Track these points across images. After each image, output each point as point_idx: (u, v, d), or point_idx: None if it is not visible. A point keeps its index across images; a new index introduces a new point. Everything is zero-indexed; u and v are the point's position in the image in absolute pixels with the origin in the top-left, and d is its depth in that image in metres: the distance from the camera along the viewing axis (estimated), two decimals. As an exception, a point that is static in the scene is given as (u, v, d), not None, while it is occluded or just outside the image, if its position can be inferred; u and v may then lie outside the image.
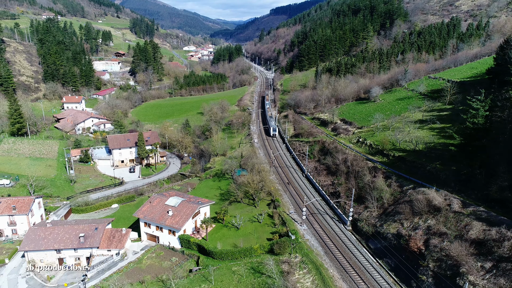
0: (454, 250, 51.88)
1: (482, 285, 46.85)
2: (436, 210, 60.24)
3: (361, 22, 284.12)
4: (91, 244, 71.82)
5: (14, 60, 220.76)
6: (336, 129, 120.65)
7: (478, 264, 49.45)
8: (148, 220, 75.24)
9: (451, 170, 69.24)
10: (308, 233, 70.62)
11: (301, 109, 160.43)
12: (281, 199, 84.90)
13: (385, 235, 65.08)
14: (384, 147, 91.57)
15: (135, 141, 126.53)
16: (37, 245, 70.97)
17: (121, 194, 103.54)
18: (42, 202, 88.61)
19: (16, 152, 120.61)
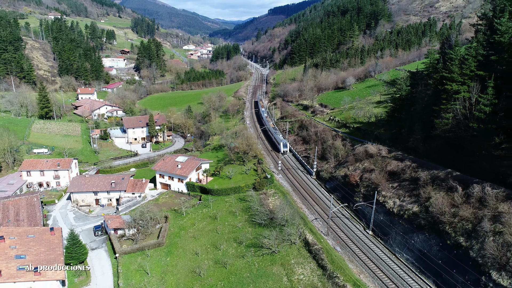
0: (376, 178, 76.28)
1: (389, 196, 71.24)
2: (370, 156, 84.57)
3: (348, 22, 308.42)
4: (120, 188, 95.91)
5: (32, 56, 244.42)
6: (314, 111, 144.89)
7: (389, 185, 73.88)
8: (162, 172, 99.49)
9: (388, 133, 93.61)
10: (282, 179, 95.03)
11: (288, 98, 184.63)
12: (264, 159, 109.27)
13: (337, 177, 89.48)
14: (347, 121, 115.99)
15: (146, 122, 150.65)
16: (80, 188, 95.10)
17: (137, 162, 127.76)
18: (77, 163, 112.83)
19: (47, 130, 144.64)
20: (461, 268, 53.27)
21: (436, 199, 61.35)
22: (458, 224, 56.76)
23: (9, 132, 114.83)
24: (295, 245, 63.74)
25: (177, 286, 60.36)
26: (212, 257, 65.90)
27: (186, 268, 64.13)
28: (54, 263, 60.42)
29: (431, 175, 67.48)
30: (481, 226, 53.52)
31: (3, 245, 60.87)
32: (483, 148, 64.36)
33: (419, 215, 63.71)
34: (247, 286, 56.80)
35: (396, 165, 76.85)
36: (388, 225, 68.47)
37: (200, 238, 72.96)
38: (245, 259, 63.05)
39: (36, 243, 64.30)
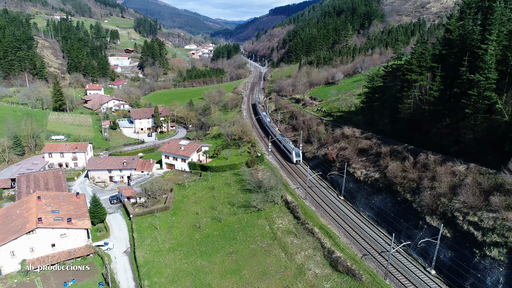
0: (348, 154, 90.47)
1: (358, 167, 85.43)
2: (346, 137, 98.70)
3: (343, 22, 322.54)
4: (130, 167, 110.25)
5: (43, 54, 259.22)
6: (305, 103, 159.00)
7: (359, 159, 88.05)
8: (167, 153, 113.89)
9: (364, 118, 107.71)
10: (271, 159, 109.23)
11: (282, 93, 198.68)
12: (257, 143, 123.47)
13: (318, 156, 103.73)
14: (332, 111, 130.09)
15: (152, 114, 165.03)
16: (96, 167, 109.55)
17: (144, 148, 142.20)
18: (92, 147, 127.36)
19: (62, 120, 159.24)
20: (406, 217, 67.47)
21: (392, 167, 75.57)
22: (406, 184, 71.00)
23: (31, 119, 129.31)
24: (277, 204, 77.98)
25: (181, 235, 74.68)
26: (210, 215, 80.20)
27: (188, 224, 78.47)
28: (82, 217, 74.96)
29: (390, 149, 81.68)
30: (422, 184, 67.75)
31: (40, 203, 75.31)
32: (434, 126, 78.59)
33: (379, 180, 77.97)
34: (237, 233, 71.07)
35: (365, 143, 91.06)
36: (356, 190, 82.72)
37: (200, 203, 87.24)
38: (236, 216, 77.33)
39: (66, 203, 78.81)
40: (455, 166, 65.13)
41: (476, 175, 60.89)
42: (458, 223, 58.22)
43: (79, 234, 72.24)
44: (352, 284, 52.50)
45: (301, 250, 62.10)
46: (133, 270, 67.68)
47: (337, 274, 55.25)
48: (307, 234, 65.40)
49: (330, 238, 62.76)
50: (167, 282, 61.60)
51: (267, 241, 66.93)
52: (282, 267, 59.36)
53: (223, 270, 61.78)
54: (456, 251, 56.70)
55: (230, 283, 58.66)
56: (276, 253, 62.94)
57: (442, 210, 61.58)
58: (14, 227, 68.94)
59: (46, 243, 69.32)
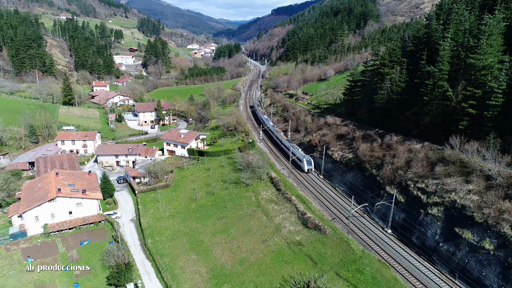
0: (329, 139, 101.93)
1: (336, 150, 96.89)
2: (328, 125, 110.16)
3: (340, 22, 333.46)
4: (135, 153, 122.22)
5: (51, 52, 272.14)
6: (297, 98, 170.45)
7: (337, 143, 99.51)
8: (168, 141, 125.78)
9: (345, 109, 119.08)
10: (262, 145, 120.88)
11: (278, 89, 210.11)
12: (251, 132, 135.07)
13: (304, 142, 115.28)
14: (320, 104, 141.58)
15: (154, 107, 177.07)
16: (104, 152, 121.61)
17: (147, 138, 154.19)
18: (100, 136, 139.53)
19: (71, 113, 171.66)
20: (372, 188, 78.91)
21: (362, 148, 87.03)
22: (373, 161, 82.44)
23: (45, 111, 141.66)
24: (263, 180, 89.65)
25: (179, 206, 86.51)
26: (205, 190, 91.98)
27: (186, 197, 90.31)
28: (94, 190, 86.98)
29: (363, 133, 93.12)
30: (385, 160, 79.22)
31: (58, 178, 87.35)
32: (402, 114, 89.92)
33: (352, 160, 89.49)
34: (227, 203, 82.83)
35: (343, 130, 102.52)
36: (333, 169, 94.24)
37: (197, 181, 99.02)
38: (227, 190, 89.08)
39: (80, 179, 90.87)
40: (411, 145, 76.61)
41: (427, 151, 72.31)
42: (410, 190, 69.70)
43: (92, 203, 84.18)
44: (318, 236, 64.07)
45: (279, 214, 73.76)
46: (138, 233, 79.60)
47: (307, 230, 66.84)
48: (285, 202, 77.04)
49: (304, 204, 74.39)
50: (167, 240, 73.43)
51: (252, 208, 78.62)
52: (263, 227, 71.04)
53: (214, 230, 73.57)
54: (407, 213, 68.15)
55: (219, 239, 70.40)
56: (259, 217, 74.63)
57: (399, 180, 73.07)
58: (37, 197, 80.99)
59: (64, 210, 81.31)
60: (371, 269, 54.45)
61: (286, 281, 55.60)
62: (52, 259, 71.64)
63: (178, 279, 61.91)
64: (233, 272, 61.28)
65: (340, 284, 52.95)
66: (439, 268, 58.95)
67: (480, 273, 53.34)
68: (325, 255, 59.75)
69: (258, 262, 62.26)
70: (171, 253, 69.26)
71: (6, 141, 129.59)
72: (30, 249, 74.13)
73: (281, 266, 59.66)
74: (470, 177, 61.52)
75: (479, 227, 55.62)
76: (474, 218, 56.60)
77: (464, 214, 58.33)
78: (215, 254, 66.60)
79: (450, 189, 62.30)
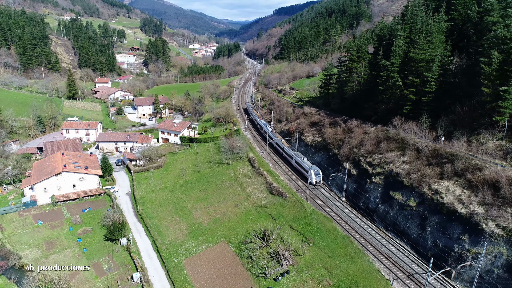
0: (303, 126, 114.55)
1: (308, 135, 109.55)
2: (305, 115, 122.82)
3: (333, 22, 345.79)
4: (133, 140, 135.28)
5: (56, 51, 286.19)
6: (285, 93, 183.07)
7: (310, 129, 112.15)
8: (163, 129, 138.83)
9: (323, 101, 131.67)
10: (247, 134, 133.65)
11: (269, 85, 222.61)
12: (238, 123, 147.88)
13: (284, 130, 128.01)
14: (302, 97, 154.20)
15: (152, 101, 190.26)
16: (104, 139, 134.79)
17: (145, 129, 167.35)
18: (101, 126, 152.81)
19: (75, 106, 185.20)
20: (333, 165, 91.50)
21: (328, 132, 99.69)
22: (336, 143, 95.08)
23: (51, 103, 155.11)
24: (243, 160, 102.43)
25: (168, 181, 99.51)
26: (192, 169, 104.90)
27: (175, 175, 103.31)
28: (95, 167, 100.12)
29: (331, 120, 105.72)
30: (344, 141, 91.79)
31: (64, 157, 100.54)
32: (366, 103, 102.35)
33: (320, 142, 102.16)
34: (209, 178, 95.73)
35: (316, 118, 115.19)
36: (305, 151, 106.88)
37: (185, 162, 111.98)
38: (211, 169, 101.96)
39: (82, 159, 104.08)
40: (366, 127, 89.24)
41: (378, 132, 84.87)
42: (361, 164, 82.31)
43: (93, 178, 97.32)
44: (280, 201, 76.84)
45: (252, 185, 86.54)
46: (132, 202, 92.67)
47: (272, 196, 79.62)
48: (258, 176, 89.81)
49: (273, 177, 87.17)
50: (156, 207, 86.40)
51: (230, 182, 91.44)
52: (237, 195, 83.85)
53: (195, 199, 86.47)
54: (358, 183, 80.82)
55: (199, 205, 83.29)
56: (234, 188, 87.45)
57: (353, 157, 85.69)
58: (46, 172, 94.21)
59: (69, 183, 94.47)
60: (317, 222, 67.11)
61: (249, 232, 68.29)
62: (59, 222, 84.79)
63: (163, 234, 74.84)
64: (208, 228, 74.13)
65: (291, 233, 65.64)
66: (377, 225, 71.56)
67: (405, 225, 65.92)
68: (283, 214, 72.48)
69: (229, 220, 75.09)
70: (158, 216, 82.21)
71: (17, 129, 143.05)
72: (40, 215, 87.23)
73: (247, 223, 72.40)
74: (405, 151, 74.05)
75: (407, 189, 68.21)
76: (404, 182, 69.20)
77: (397, 180, 70.93)
78: (195, 216, 79.49)
79: (389, 161, 74.90)
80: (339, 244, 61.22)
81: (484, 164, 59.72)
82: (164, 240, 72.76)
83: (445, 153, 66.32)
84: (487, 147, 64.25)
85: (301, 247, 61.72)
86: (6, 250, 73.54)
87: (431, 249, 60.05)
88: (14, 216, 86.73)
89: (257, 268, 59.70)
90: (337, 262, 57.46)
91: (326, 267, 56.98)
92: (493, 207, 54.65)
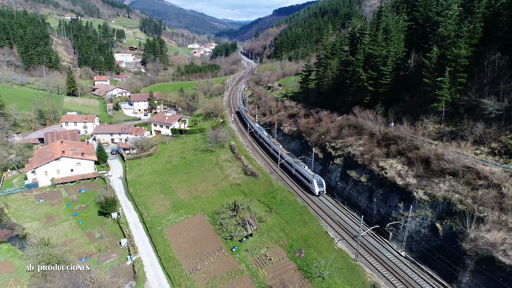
0: (283, 118, 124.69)
1: (286, 126, 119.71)
2: (286, 108, 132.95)
3: (326, 22, 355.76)
4: (127, 132, 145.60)
5: (57, 50, 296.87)
6: (273, 89, 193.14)
7: (288, 120, 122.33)
8: (155, 122, 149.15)
9: (303, 95, 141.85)
10: (233, 126, 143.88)
11: (260, 83, 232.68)
12: (226, 116, 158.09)
13: (267, 122, 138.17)
14: (287, 92, 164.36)
15: (148, 98, 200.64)
16: (101, 131, 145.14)
17: (140, 122, 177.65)
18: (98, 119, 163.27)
19: (75, 102, 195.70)
20: (305, 151, 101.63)
21: (302, 122, 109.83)
22: (308, 131, 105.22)
23: (52, 99, 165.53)
24: (225, 148, 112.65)
25: (157, 167, 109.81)
26: (179, 156, 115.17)
27: (163, 161, 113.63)
28: (91, 154, 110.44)
29: (306, 111, 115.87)
30: (314, 129, 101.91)
31: (63, 145, 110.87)
32: (337, 96, 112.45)
33: (295, 132, 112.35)
34: (194, 163, 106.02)
35: (294, 110, 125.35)
36: (283, 140, 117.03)
37: (174, 150, 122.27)
38: (196, 156, 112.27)
39: (80, 147, 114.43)
40: (334, 117, 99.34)
41: (343, 120, 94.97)
42: (326, 148, 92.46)
43: (89, 164, 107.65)
44: (252, 180, 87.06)
45: (230, 168, 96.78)
46: (124, 185, 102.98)
47: (246, 176, 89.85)
48: (237, 160, 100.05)
49: (249, 161, 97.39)
50: (144, 187, 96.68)
51: (211, 166, 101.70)
52: (216, 176, 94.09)
53: (180, 180, 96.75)
54: (323, 165, 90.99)
55: (183, 185, 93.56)
56: (215, 171, 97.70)
57: (321, 143, 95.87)
58: (46, 157, 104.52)
59: (67, 168, 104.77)
60: (281, 196, 77.32)
61: (223, 205, 78.47)
62: (58, 201, 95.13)
63: (149, 209, 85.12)
64: (188, 203, 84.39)
65: (258, 205, 75.82)
66: (336, 200, 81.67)
67: (357, 199, 76.07)
68: (254, 190, 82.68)
69: (207, 197, 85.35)
70: (146, 194, 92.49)
71: (19, 122, 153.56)
72: (41, 195, 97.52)
73: (223, 198, 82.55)
74: (362, 135, 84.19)
75: (360, 168, 78.36)
76: (358, 162, 79.36)
77: (353, 160, 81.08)
78: (178, 194, 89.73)
79: (348, 145, 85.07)
80: (297, 212, 71.37)
81: (422, 144, 69.89)
82: (150, 213, 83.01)
83: (393, 136, 76.52)
84: (428, 130, 74.43)
85: (265, 215, 71.87)
86: (11, 222, 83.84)
87: (375, 216, 70.25)
88: (18, 196, 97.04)
89: (226, 233, 69.87)
90: (293, 226, 67.59)
91: (283, 230, 67.12)
92: (424, 179, 64.84)
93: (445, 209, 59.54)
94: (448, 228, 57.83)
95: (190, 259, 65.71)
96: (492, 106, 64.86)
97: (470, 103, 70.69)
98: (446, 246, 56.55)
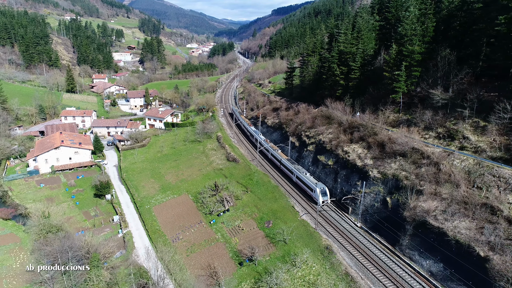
0: (267, 112, 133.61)
1: (270, 118, 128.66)
2: (271, 102, 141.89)
3: (319, 22, 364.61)
4: (123, 125, 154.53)
5: (57, 49, 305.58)
6: (263, 86, 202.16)
7: (272, 113, 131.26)
8: (149, 116, 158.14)
9: (288, 91, 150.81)
10: (222, 119, 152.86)
11: (252, 80, 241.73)
12: (217, 111, 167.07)
13: (254, 116, 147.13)
14: (275, 89, 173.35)
15: (143, 94, 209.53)
16: (98, 124, 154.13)
17: (135, 117, 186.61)
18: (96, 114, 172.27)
19: (73, 98, 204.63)
20: (284, 140, 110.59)
21: (282, 114, 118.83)
22: (287, 123, 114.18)
23: (52, 94, 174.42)
24: (212, 138, 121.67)
25: (149, 155, 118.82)
26: (170, 146, 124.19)
27: (155, 151, 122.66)
28: (88, 144, 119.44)
29: (288, 105, 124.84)
30: (293, 120, 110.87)
31: (62, 136, 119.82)
32: (317, 91, 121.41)
33: (277, 123, 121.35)
34: (183, 152, 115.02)
35: (278, 104, 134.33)
36: (266, 132, 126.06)
37: (165, 142, 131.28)
38: (185, 146, 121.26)
39: (78, 137, 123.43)
40: (310, 109, 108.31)
41: (318, 112, 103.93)
42: (301, 137, 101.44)
43: (86, 152, 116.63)
44: (233, 165, 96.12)
45: (215, 155, 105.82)
46: (118, 171, 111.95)
47: (228, 162, 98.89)
48: (221, 149, 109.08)
49: (232, 149, 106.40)
50: (136, 173, 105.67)
51: (198, 154, 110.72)
52: (202, 163, 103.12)
53: (169, 167, 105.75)
54: (298, 152, 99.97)
55: (171, 171, 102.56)
56: (201, 158, 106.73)
57: (298, 132, 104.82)
58: (47, 147, 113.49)
59: (66, 156, 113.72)
60: (257, 178, 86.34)
61: (205, 187, 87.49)
62: (57, 185, 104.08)
63: (140, 191, 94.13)
64: (175, 185, 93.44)
65: (236, 186, 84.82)
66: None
67: (325, 180, 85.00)
68: (234, 173, 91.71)
69: (192, 180, 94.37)
70: (137, 179, 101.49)
71: (21, 117, 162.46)
72: (41, 180, 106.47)
73: (206, 181, 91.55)
74: (332, 124, 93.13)
75: (328, 153, 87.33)
76: (326, 147, 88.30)
77: (323, 146, 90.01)
78: (166, 178, 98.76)
79: (320, 133, 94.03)
80: (269, 191, 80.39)
81: (380, 130, 78.83)
82: (140, 195, 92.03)
83: (357, 124, 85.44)
84: (389, 119, 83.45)
85: (241, 194, 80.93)
86: (15, 203, 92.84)
87: (339, 194, 79.24)
88: (20, 181, 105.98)
89: (206, 209, 78.91)
90: (265, 202, 76.61)
91: (256, 206, 76.15)
92: (379, 160, 73.86)
93: (394, 184, 68.57)
94: (395, 201, 66.83)
95: (174, 231, 74.72)
96: (439, 96, 73.85)
97: (422, 94, 79.73)
98: (393, 216, 65.58)
